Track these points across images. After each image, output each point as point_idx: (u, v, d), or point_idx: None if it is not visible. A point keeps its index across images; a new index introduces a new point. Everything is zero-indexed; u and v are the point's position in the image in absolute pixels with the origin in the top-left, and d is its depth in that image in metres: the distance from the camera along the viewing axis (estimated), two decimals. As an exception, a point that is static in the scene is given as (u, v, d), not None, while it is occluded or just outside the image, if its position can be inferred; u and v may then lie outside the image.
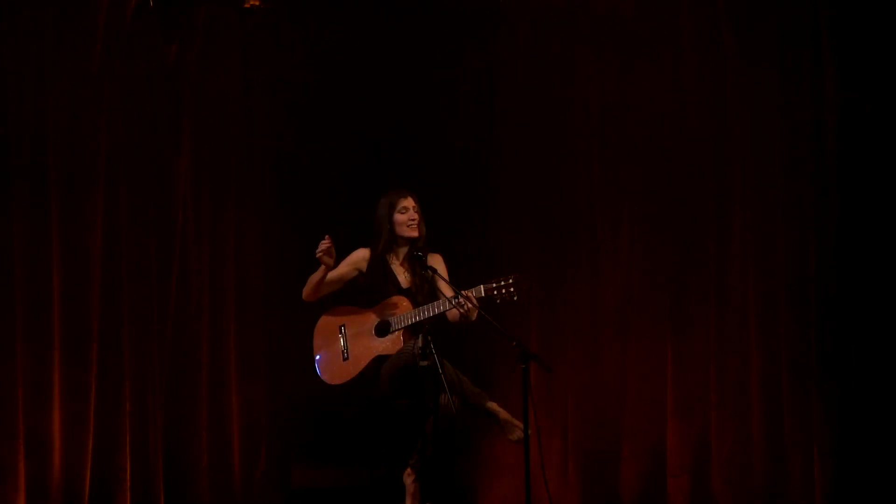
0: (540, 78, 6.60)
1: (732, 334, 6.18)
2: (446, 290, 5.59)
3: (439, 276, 5.65)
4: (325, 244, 5.66)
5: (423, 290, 5.77)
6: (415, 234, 5.81)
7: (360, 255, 5.89)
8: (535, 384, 5.34)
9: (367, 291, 5.85)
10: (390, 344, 5.69)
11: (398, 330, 5.68)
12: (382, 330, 5.73)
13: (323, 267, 5.73)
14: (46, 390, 5.73)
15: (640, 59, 6.42)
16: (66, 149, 5.86)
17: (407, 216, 5.80)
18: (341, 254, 5.83)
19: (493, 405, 5.71)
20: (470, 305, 5.46)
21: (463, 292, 5.47)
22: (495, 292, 5.46)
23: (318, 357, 5.83)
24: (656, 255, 6.38)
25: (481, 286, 5.48)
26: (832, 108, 5.92)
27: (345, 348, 5.77)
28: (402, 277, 5.84)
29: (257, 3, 6.53)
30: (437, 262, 5.84)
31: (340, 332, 5.81)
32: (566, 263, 6.57)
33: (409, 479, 5.75)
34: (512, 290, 5.45)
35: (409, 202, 5.82)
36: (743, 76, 6.18)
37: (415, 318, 5.62)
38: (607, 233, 6.52)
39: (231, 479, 6.41)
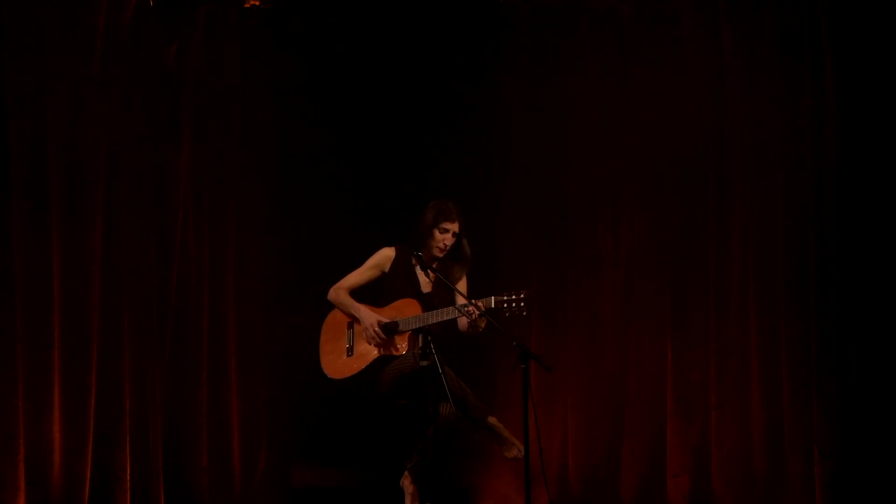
0: (540, 78, 6.60)
1: (732, 334, 6.18)
2: (458, 299, 5.62)
3: (443, 280, 5.64)
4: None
5: (443, 298, 5.76)
6: (440, 256, 5.78)
7: (385, 255, 5.86)
8: (535, 384, 5.34)
9: (387, 290, 5.83)
10: (396, 345, 5.68)
11: (406, 332, 5.67)
12: (390, 330, 5.71)
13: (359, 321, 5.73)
14: (46, 390, 5.72)
15: (640, 59, 6.42)
16: (66, 149, 5.86)
17: (444, 238, 5.75)
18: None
19: (494, 421, 5.71)
20: (478, 314, 5.43)
21: (473, 301, 5.46)
22: (505, 305, 5.44)
23: (322, 350, 5.82)
24: (656, 255, 6.38)
25: (492, 297, 5.47)
26: (832, 107, 5.93)
27: (350, 344, 5.77)
28: (424, 281, 5.81)
29: (257, 3, 6.53)
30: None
31: (348, 328, 5.80)
32: (566, 263, 6.57)
33: (406, 481, 5.75)
34: (522, 304, 5.42)
35: (453, 226, 5.76)
36: (743, 76, 6.18)
37: (423, 321, 5.60)
38: (607, 233, 6.52)
39: (231, 479, 6.41)
